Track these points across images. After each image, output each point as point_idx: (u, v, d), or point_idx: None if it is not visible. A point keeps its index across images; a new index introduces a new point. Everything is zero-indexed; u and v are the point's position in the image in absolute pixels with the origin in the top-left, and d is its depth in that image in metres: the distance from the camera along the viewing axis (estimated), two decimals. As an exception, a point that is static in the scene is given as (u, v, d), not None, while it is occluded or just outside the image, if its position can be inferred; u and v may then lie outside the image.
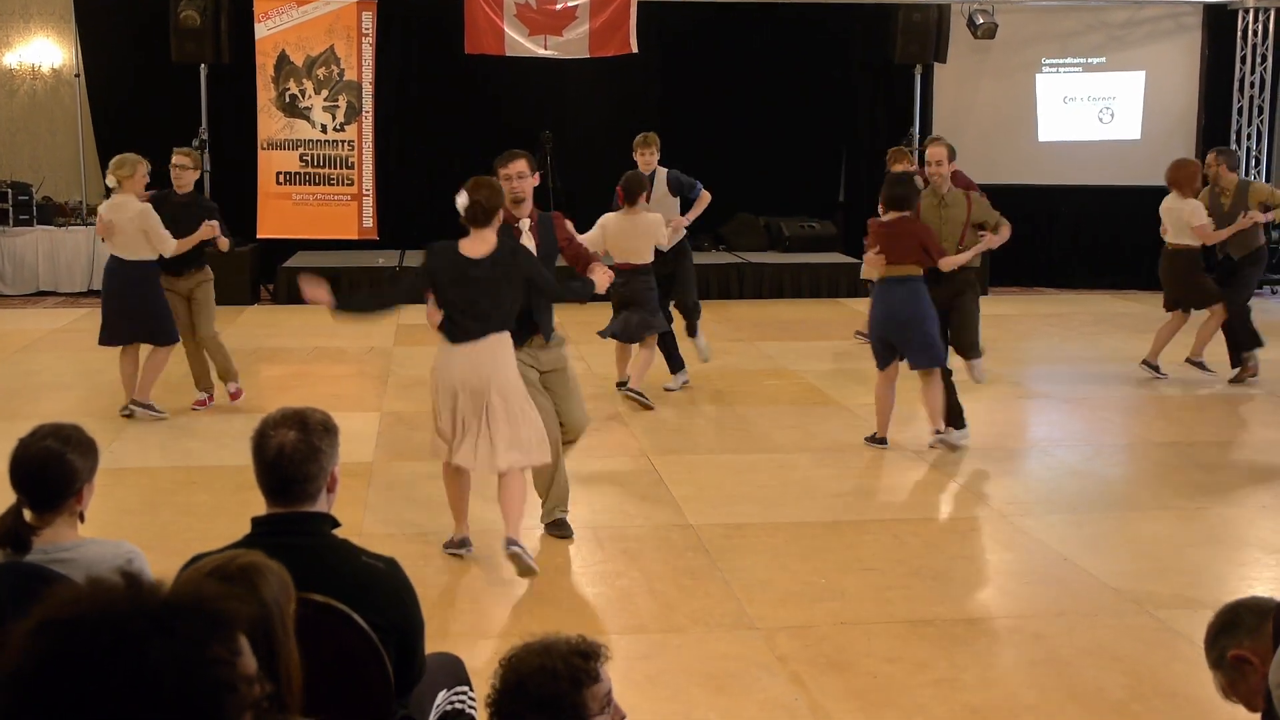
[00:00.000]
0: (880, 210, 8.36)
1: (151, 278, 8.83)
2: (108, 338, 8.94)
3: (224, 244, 9.17)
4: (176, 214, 8.85)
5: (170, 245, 8.70)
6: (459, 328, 5.89)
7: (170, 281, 9.02)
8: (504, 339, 5.93)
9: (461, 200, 5.83)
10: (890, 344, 8.13)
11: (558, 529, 6.50)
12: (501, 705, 2.53)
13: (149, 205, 8.72)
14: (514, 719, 2.52)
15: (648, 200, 9.82)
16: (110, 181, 8.91)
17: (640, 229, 9.30)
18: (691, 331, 10.25)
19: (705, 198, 9.99)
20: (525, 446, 5.92)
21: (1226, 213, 10.44)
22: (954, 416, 8.28)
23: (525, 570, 5.78)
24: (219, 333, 9.47)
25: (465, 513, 6.27)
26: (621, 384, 9.59)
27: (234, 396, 9.39)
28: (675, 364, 10.01)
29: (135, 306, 8.80)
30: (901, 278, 8.00)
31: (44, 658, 1.49)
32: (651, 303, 9.40)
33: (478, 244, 5.85)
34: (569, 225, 6.77)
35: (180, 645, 1.51)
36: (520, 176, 6.35)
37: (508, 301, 5.91)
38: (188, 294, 9.16)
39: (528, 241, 6.29)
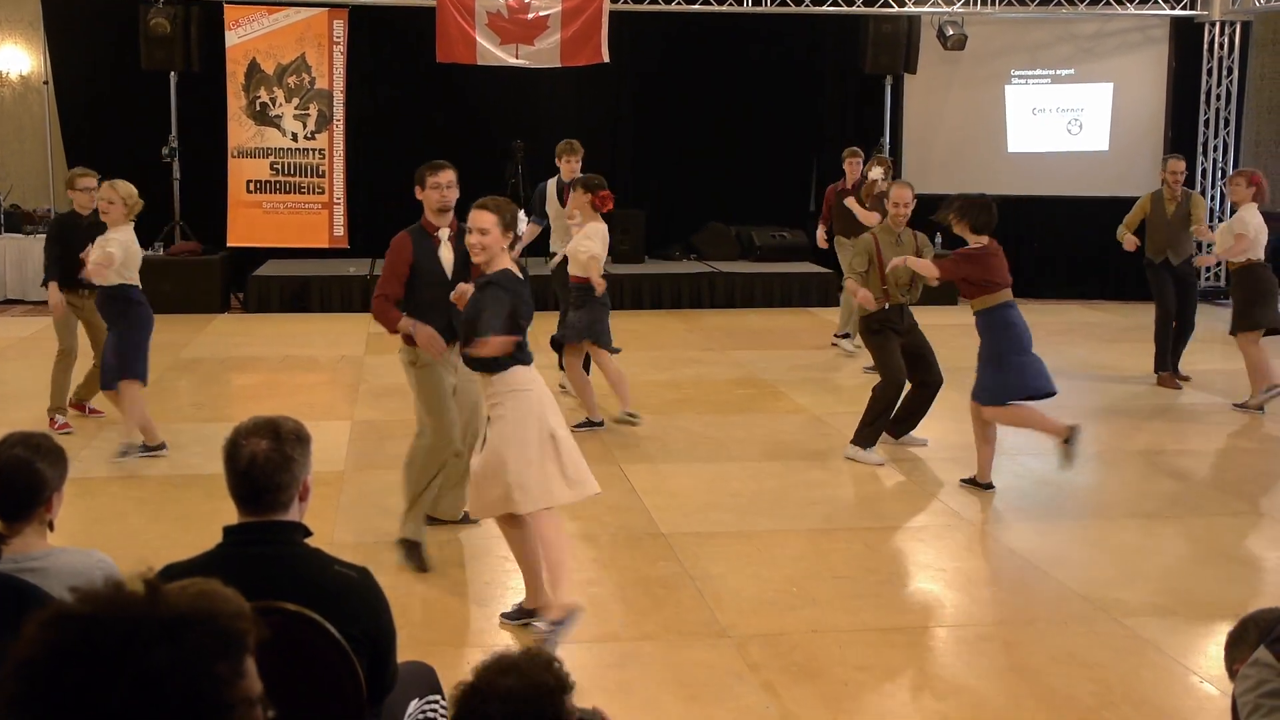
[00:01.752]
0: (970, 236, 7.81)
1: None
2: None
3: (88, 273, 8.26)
4: (84, 238, 8.43)
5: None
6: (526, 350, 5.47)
7: (80, 299, 8.85)
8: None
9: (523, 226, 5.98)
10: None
11: (408, 554, 6.24)
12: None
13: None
14: None
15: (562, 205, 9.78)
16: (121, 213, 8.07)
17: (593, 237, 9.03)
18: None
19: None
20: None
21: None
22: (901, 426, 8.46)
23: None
24: None
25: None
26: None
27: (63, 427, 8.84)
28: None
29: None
30: (1010, 302, 7.75)
31: (53, 649, 1.52)
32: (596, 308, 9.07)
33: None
34: None
35: (185, 656, 1.53)
36: (449, 186, 6.43)
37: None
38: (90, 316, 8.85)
39: (445, 251, 6.38)
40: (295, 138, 14.85)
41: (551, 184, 10.17)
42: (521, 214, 8.94)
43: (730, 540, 6.68)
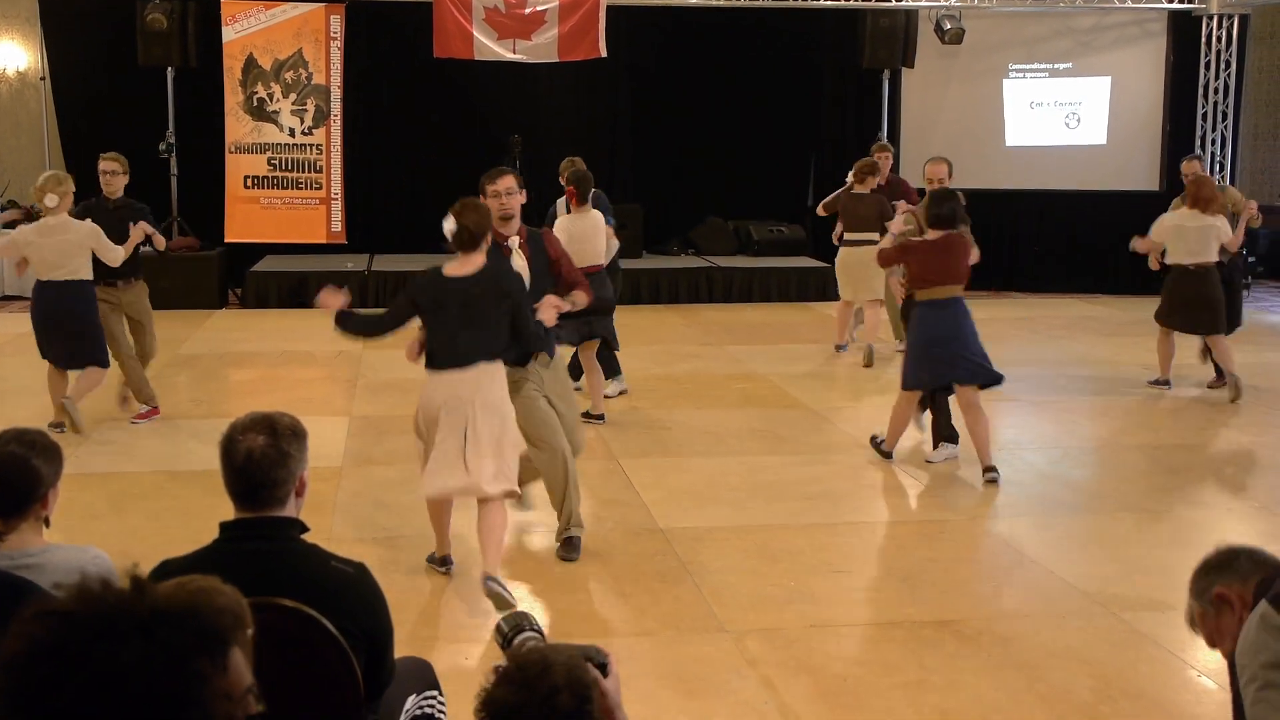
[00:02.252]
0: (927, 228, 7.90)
1: (94, 297, 8.62)
2: (53, 358, 8.69)
3: (160, 242, 9.09)
4: (110, 222, 8.63)
5: (119, 254, 8.52)
6: (443, 353, 5.66)
7: (109, 293, 8.84)
8: (493, 367, 5.69)
9: (448, 225, 5.62)
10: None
11: (566, 549, 6.27)
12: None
13: (89, 221, 8.51)
14: None
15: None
16: (50, 200, 8.36)
17: (592, 228, 9.12)
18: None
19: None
20: (510, 476, 5.74)
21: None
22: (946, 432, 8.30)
23: (503, 604, 5.48)
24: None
25: (447, 530, 6.06)
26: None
27: (147, 415, 9.10)
28: (612, 370, 9.87)
29: (81, 330, 8.56)
30: (950, 298, 7.79)
31: (31, 644, 1.53)
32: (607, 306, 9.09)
33: (464, 266, 5.66)
34: (560, 242, 6.68)
35: (156, 651, 1.53)
36: (509, 193, 6.19)
37: (493, 321, 5.65)
38: (126, 307, 9.01)
39: (518, 259, 6.09)
40: (293, 133, 14.83)
41: (562, 203, 9.95)
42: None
43: (728, 535, 6.68)
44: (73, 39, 15.40)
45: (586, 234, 9.02)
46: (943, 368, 7.76)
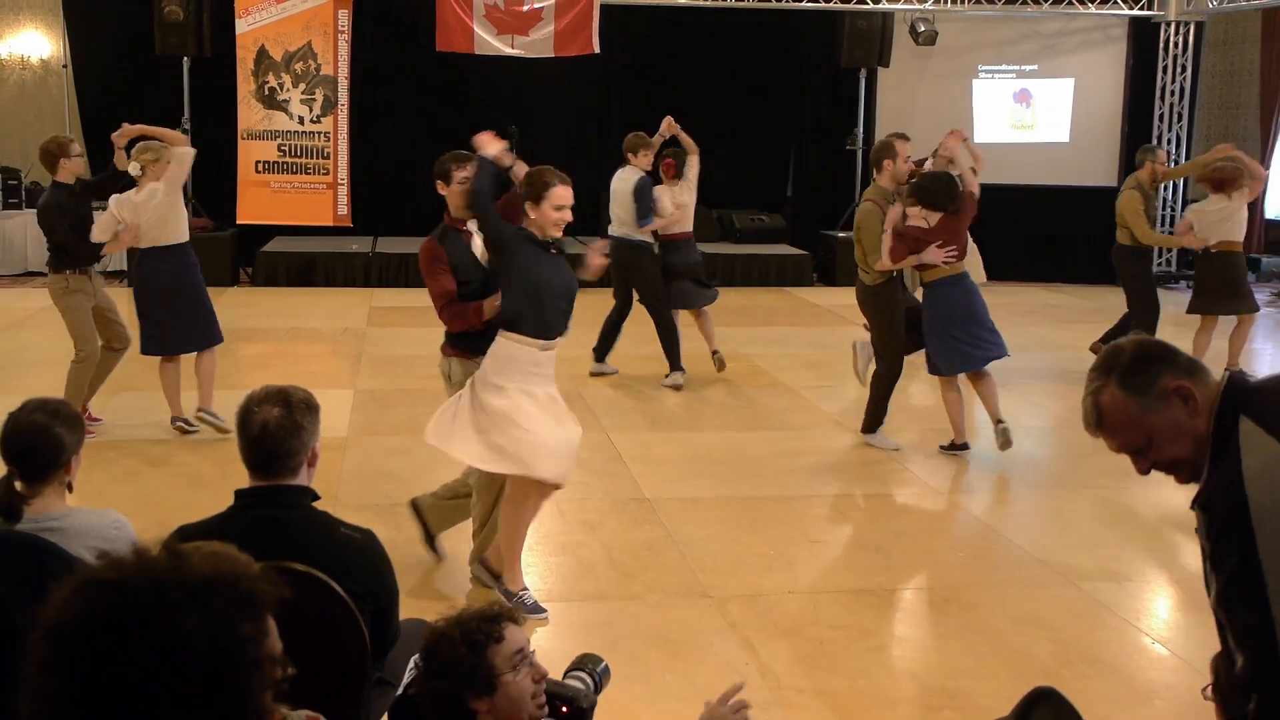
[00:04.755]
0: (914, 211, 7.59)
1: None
2: (163, 347, 7.79)
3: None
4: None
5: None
6: (538, 325, 5.11)
7: (83, 283, 7.83)
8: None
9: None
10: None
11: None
12: (418, 678, 2.57)
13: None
14: (426, 687, 2.55)
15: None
16: (134, 169, 7.63)
17: (688, 198, 9.64)
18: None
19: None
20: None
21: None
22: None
23: (484, 586, 5.35)
24: None
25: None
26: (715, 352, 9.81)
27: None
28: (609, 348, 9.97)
29: (197, 304, 7.87)
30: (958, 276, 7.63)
31: (84, 614, 1.50)
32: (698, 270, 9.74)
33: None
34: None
35: (213, 619, 1.52)
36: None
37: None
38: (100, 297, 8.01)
39: (478, 245, 5.51)
40: (302, 121, 14.73)
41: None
42: None
43: (711, 505, 6.67)
44: (93, 29, 15.29)
45: (683, 203, 9.58)
46: (968, 349, 7.51)
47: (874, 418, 7.97)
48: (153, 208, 7.61)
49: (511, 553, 5.22)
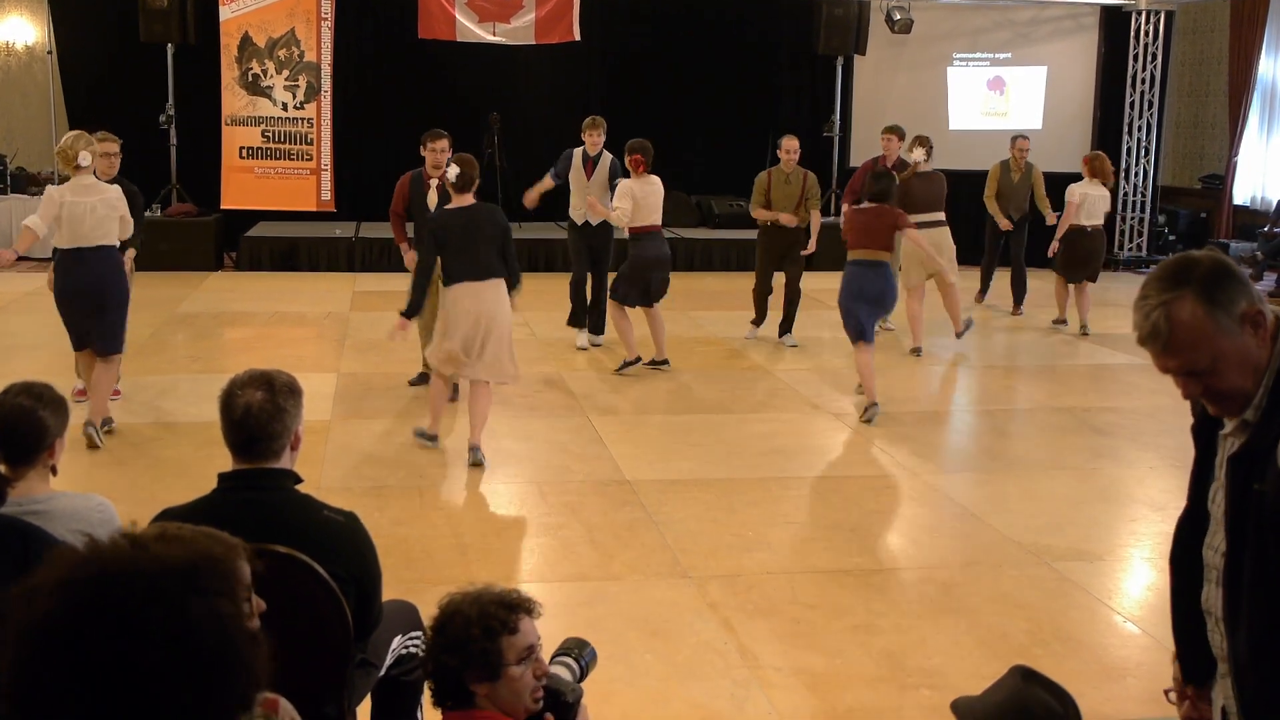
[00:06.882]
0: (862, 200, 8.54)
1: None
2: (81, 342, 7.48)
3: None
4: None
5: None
6: (459, 268, 6.76)
7: None
8: (499, 282, 6.83)
9: (452, 171, 6.80)
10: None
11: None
12: (428, 645, 2.60)
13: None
14: (433, 658, 2.57)
15: (589, 178, 9.82)
16: (84, 160, 7.10)
17: (654, 192, 9.60)
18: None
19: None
20: (504, 369, 6.97)
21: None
22: None
23: (476, 464, 6.79)
24: None
25: (441, 413, 7.28)
26: (659, 361, 9.48)
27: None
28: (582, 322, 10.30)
29: (117, 303, 7.37)
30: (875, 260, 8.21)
31: (76, 613, 1.41)
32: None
33: (459, 203, 6.82)
34: None
35: (212, 602, 1.47)
36: (442, 151, 8.27)
37: (484, 246, 6.77)
38: None
39: (433, 197, 8.19)
40: (285, 107, 14.64)
41: (578, 153, 10.10)
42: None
43: (691, 487, 6.66)
44: (78, 15, 15.12)
45: (650, 196, 9.59)
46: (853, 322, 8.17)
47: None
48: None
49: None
